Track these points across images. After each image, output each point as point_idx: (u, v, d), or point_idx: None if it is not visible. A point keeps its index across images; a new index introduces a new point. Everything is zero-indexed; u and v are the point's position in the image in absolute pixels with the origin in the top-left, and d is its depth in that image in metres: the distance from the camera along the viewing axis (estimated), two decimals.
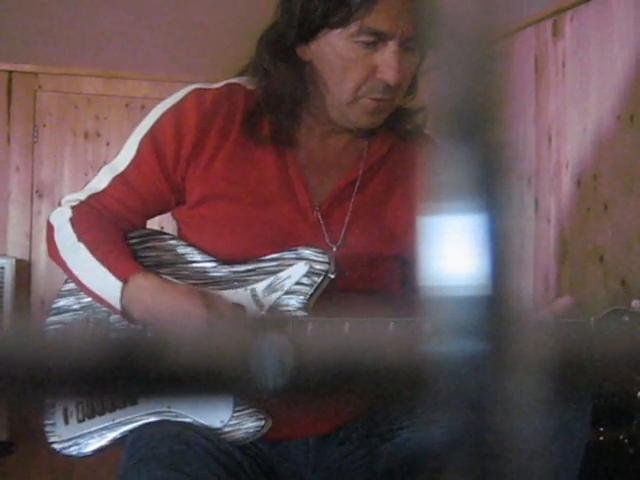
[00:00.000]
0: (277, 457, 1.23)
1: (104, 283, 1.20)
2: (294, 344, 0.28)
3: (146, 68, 3.26)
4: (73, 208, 1.28)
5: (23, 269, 3.12)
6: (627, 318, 1.02)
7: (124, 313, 1.19)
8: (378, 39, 1.17)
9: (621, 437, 1.61)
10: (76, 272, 1.24)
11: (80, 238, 1.24)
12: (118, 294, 1.18)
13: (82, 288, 1.25)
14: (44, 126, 3.31)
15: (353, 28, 1.17)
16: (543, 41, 2.39)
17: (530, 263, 2.38)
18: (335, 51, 1.20)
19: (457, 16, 0.26)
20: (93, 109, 3.35)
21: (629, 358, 0.31)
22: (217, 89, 1.27)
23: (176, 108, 1.26)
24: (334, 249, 1.22)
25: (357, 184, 1.27)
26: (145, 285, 1.18)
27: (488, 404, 0.26)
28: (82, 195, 1.29)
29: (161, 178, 1.25)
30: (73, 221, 1.26)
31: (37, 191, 3.29)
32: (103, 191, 1.28)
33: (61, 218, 1.28)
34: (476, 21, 0.26)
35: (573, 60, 2.26)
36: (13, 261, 3.00)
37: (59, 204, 1.33)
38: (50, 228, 1.30)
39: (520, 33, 2.44)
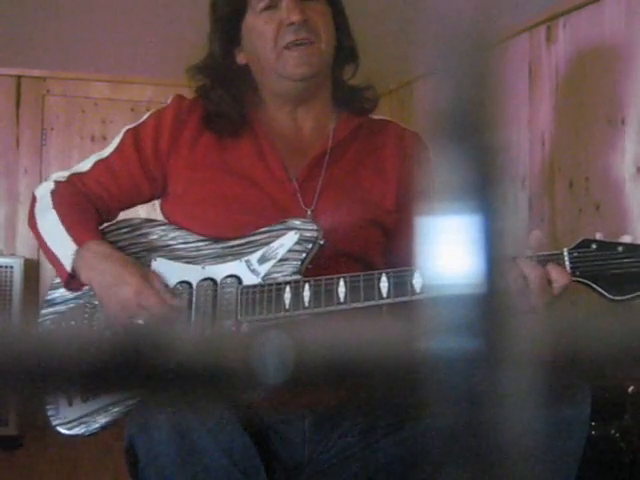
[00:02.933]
0: (276, 440, 1.23)
1: (63, 246, 1.28)
2: (293, 340, 0.28)
3: (151, 73, 3.26)
4: (56, 183, 1.38)
5: (32, 268, 3.12)
6: (594, 246, 1.14)
7: (72, 276, 1.27)
8: (272, 0, 1.31)
9: (613, 432, 1.61)
10: (44, 234, 1.34)
11: (54, 206, 1.34)
12: (71, 256, 1.26)
13: (46, 251, 1.33)
14: (52, 129, 3.31)
15: (253, 3, 1.32)
16: (537, 47, 2.39)
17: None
18: (252, 31, 1.33)
19: (452, 21, 0.26)
20: (100, 113, 3.35)
21: (623, 353, 0.30)
22: (195, 97, 1.40)
23: (159, 111, 1.39)
24: (309, 212, 1.30)
25: (327, 157, 1.35)
26: (95, 250, 1.26)
27: (485, 401, 0.26)
28: (67, 173, 1.41)
29: (138, 167, 1.35)
30: (53, 193, 1.36)
31: None
32: (85, 172, 1.38)
33: (43, 190, 1.39)
34: (471, 26, 0.26)
35: (566, 65, 2.26)
36: (22, 260, 3.00)
37: (46, 179, 1.44)
38: (33, 199, 1.41)
39: (514, 39, 2.44)
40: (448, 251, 0.27)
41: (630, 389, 1.62)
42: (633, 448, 1.60)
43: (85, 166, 1.39)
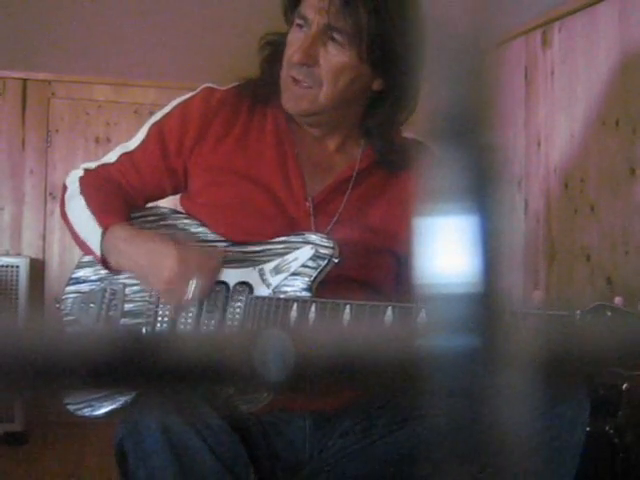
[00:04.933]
0: (277, 439, 1.22)
1: (90, 230, 1.27)
2: (294, 339, 0.28)
3: (154, 76, 3.26)
4: (85, 171, 1.38)
5: (37, 268, 3.12)
6: (610, 313, 1.03)
7: (104, 260, 1.26)
8: (304, 23, 1.24)
9: (607, 428, 1.61)
10: (72, 220, 1.33)
11: (82, 192, 1.33)
12: (98, 240, 1.24)
13: (75, 237, 1.32)
14: (57, 131, 3.31)
15: (295, 16, 1.26)
16: (533, 50, 2.39)
17: (520, 262, 2.38)
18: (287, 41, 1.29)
19: (450, 25, 0.26)
20: (104, 115, 3.35)
21: (617, 352, 0.30)
22: (226, 89, 1.34)
23: (186, 103, 1.34)
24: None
25: (351, 184, 1.30)
26: (121, 233, 1.24)
27: (484, 400, 0.26)
28: (94, 164, 1.39)
29: (161, 164, 1.33)
30: (81, 179, 1.36)
31: (50, 193, 3.29)
32: (112, 164, 1.36)
33: (73, 178, 1.38)
34: (469, 30, 0.26)
35: (561, 68, 2.26)
36: (28, 260, 3.00)
37: (77, 168, 1.42)
38: (64, 188, 1.40)
39: (511, 43, 2.44)
40: (445, 251, 0.27)
41: (624, 386, 1.62)
42: (626, 444, 1.61)
43: (111, 157, 1.37)
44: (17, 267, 2.95)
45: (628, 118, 1.97)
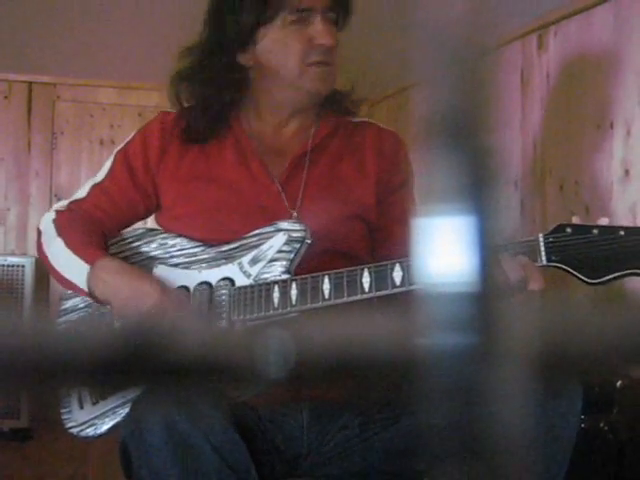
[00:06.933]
0: (275, 432, 1.23)
1: (74, 268, 1.29)
2: (293, 336, 0.28)
3: (158, 79, 3.25)
4: (57, 212, 1.39)
5: (42, 267, 3.11)
6: (569, 230, 1.09)
7: (90, 294, 1.28)
8: (303, 16, 1.31)
9: (602, 425, 1.61)
10: (54, 263, 1.34)
11: (59, 234, 1.34)
12: (85, 276, 1.27)
13: (58, 278, 1.33)
14: (62, 134, 3.31)
15: (282, 15, 1.31)
16: (529, 54, 2.39)
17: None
18: (274, 41, 1.33)
19: (448, 29, 0.26)
20: (108, 118, 3.35)
21: (611, 351, 0.30)
22: (178, 111, 1.42)
23: (145, 127, 1.42)
24: (294, 213, 1.31)
25: (307, 158, 1.36)
26: (108, 266, 1.27)
27: (478, 396, 0.26)
28: (66, 202, 1.42)
29: (130, 185, 1.37)
30: (55, 221, 1.37)
31: (55, 195, 3.29)
32: (83, 198, 1.40)
33: (46, 221, 1.39)
34: (467, 34, 0.26)
35: (557, 72, 2.26)
36: (33, 260, 3.00)
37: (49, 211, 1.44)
38: (39, 233, 1.41)
39: (507, 46, 2.44)
40: (441, 250, 0.27)
41: (618, 384, 1.62)
42: (621, 440, 1.61)
43: (82, 193, 1.41)
44: (23, 267, 2.96)
45: (622, 121, 1.97)
